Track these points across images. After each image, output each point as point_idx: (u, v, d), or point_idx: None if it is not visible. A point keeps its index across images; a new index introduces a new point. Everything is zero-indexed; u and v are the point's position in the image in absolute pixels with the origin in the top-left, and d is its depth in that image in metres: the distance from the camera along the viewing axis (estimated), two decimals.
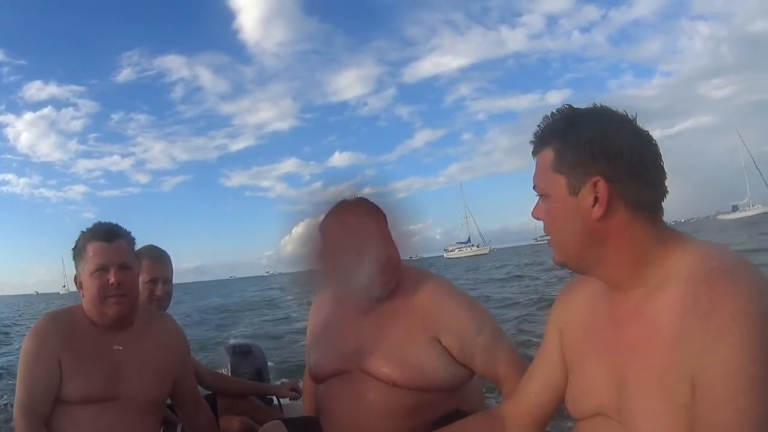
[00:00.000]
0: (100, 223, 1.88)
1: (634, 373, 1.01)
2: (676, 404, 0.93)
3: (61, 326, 1.80)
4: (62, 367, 1.73)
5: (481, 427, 1.47)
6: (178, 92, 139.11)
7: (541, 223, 1.15)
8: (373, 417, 1.61)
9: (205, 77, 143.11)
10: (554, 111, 1.12)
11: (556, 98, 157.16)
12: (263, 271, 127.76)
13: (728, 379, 0.87)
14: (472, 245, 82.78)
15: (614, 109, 1.08)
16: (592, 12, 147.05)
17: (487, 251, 75.80)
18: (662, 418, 0.95)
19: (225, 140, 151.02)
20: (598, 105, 1.10)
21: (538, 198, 1.13)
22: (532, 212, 1.16)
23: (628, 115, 1.07)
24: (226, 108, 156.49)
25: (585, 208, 1.03)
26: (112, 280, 1.77)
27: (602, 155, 1.01)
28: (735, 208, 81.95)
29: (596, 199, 1.01)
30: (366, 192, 1.86)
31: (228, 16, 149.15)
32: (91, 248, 1.80)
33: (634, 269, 1.05)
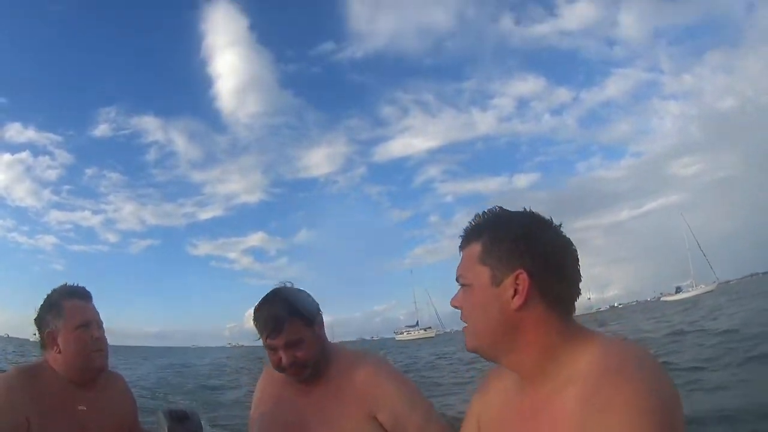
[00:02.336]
0: (71, 285, 1.89)
1: None
2: None
3: (31, 383, 1.74)
4: (30, 427, 1.67)
5: None
6: (152, 155, 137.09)
7: None
8: None
9: (180, 142, 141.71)
10: (485, 210, 1.16)
11: (523, 181, 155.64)
12: (225, 342, 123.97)
13: None
14: (420, 328, 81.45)
15: (541, 214, 1.13)
16: (563, 94, 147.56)
17: (433, 335, 74.21)
18: None
19: (194, 208, 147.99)
20: (528, 210, 1.14)
21: (459, 288, 1.15)
22: (452, 301, 1.17)
23: (553, 221, 1.12)
24: (198, 176, 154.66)
25: (505, 298, 1.05)
26: (95, 335, 1.81)
27: (527, 251, 1.04)
28: (678, 290, 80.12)
29: (516, 291, 1.04)
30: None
31: (207, 83, 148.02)
32: (71, 305, 1.81)
33: (543, 362, 1.05)
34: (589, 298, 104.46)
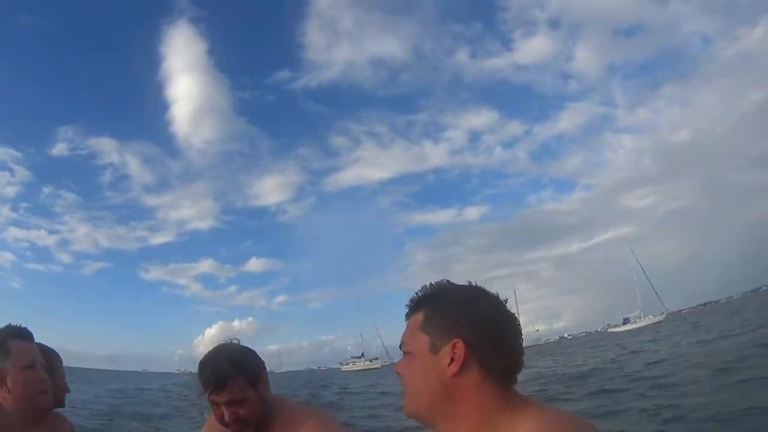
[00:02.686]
0: (15, 325, 1.86)
1: None
2: None
3: None
4: None
5: None
6: (107, 177, 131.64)
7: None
8: None
9: (134, 165, 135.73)
10: (432, 282, 1.19)
11: (474, 213, 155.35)
12: (174, 368, 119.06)
13: None
14: (365, 360, 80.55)
15: (486, 289, 1.16)
16: (516, 127, 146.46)
17: (378, 366, 73.45)
18: None
19: (146, 233, 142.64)
20: (473, 284, 1.18)
21: (403, 355, 1.17)
22: (395, 367, 1.19)
23: (499, 296, 1.15)
24: (151, 200, 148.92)
25: (442, 366, 1.06)
26: (41, 376, 1.80)
27: (465, 321, 1.07)
28: (626, 321, 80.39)
29: (453, 359, 1.05)
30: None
31: (163, 106, 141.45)
32: (17, 346, 1.79)
33: (480, 430, 1.06)
34: (537, 330, 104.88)
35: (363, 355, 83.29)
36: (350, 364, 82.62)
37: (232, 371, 1.65)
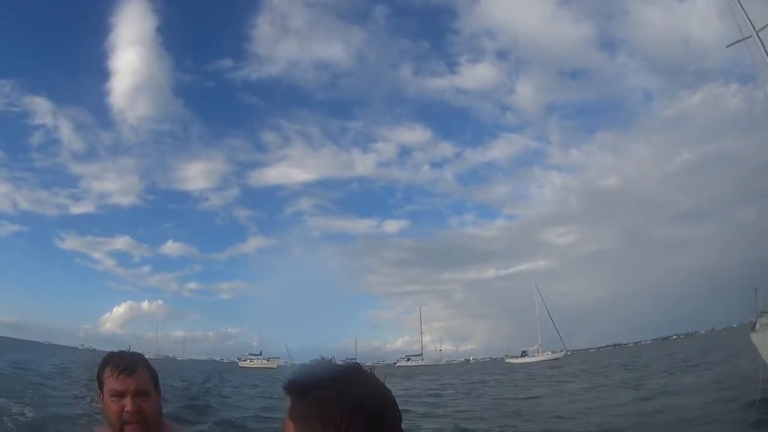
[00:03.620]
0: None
1: None
2: None
3: None
4: None
5: None
6: (36, 138, 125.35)
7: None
8: None
9: (65, 131, 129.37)
10: (313, 361, 1.10)
11: (393, 227, 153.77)
12: (78, 343, 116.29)
13: None
14: (263, 358, 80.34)
15: (361, 372, 1.07)
16: (447, 149, 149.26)
17: (275, 366, 72.10)
18: None
19: (67, 200, 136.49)
20: (346, 362, 1.10)
21: None
22: None
23: (373, 377, 1.07)
24: (77, 168, 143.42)
25: None
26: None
27: (314, 414, 1.01)
28: (524, 353, 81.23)
29: None
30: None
31: (104, 76, 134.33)
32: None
33: None
34: (440, 350, 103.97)
35: (261, 353, 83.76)
36: (248, 360, 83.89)
37: (141, 362, 1.74)
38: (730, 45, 21.42)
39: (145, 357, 1.81)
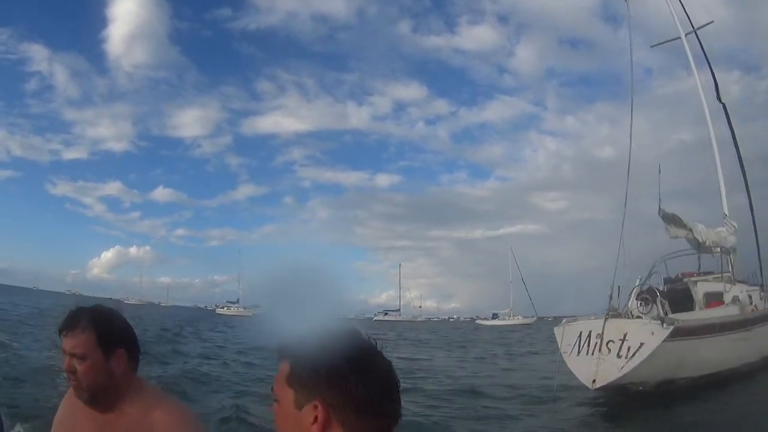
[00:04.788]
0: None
1: None
2: None
3: None
4: None
5: None
6: (32, 84, 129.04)
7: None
8: None
9: (61, 77, 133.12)
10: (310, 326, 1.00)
11: (385, 181, 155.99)
12: (65, 288, 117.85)
13: None
14: (240, 306, 79.42)
15: (364, 340, 1.02)
16: (442, 106, 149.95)
17: (251, 314, 72.94)
18: None
19: (60, 146, 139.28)
20: (355, 334, 1.03)
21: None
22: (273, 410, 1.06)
23: (376, 345, 1.03)
24: (70, 114, 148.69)
25: (305, 424, 0.97)
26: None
27: (326, 382, 0.97)
28: (495, 316, 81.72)
29: (316, 419, 0.96)
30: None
31: (101, 23, 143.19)
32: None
33: None
34: (419, 306, 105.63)
35: (239, 301, 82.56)
36: (225, 308, 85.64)
37: (87, 322, 1.56)
38: (654, 45, 21.90)
39: (116, 310, 1.67)
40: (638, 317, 11.69)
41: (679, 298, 14.03)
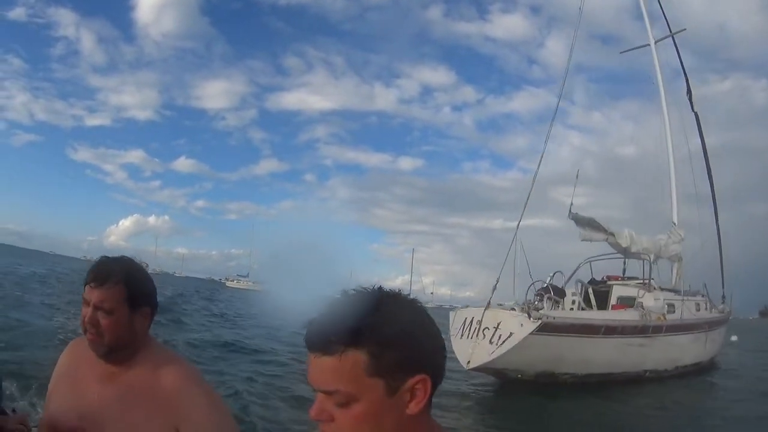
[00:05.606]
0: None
1: None
2: None
3: None
4: None
5: None
6: (58, 49, 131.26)
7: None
8: None
9: (87, 43, 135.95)
10: (355, 305, 0.85)
11: (408, 164, 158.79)
12: (81, 254, 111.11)
13: None
14: (249, 280, 79.84)
15: (413, 301, 0.90)
16: (469, 93, 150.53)
17: (260, 288, 73.88)
18: None
19: (83, 112, 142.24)
20: (398, 295, 0.89)
21: (320, 396, 0.86)
22: (314, 414, 0.86)
23: (415, 301, 0.90)
24: (95, 81, 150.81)
25: (400, 406, 0.85)
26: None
27: (423, 354, 0.86)
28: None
29: (413, 397, 0.85)
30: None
31: None
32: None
33: None
34: (431, 293, 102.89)
35: (248, 274, 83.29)
36: (234, 281, 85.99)
37: (120, 276, 1.51)
38: (623, 51, 21.76)
39: (144, 268, 1.61)
40: (512, 309, 12.31)
41: (601, 299, 14.87)
